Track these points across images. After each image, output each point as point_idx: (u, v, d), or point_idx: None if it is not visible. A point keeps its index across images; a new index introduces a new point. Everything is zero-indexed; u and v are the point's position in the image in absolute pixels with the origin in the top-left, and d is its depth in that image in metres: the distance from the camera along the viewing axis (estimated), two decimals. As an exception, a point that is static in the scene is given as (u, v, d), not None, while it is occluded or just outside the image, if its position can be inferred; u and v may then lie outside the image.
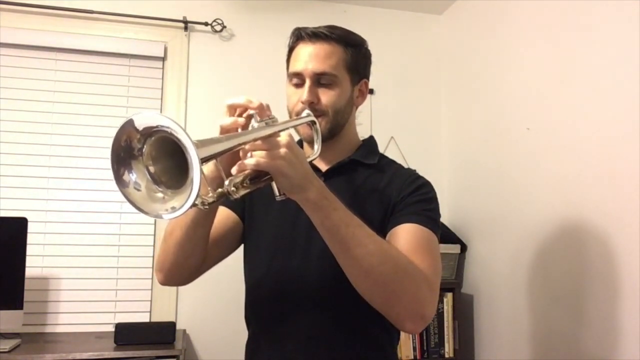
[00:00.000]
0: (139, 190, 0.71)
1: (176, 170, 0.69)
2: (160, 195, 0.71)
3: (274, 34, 2.26)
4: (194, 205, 0.65)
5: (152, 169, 0.71)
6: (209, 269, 1.12)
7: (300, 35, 1.10)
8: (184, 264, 1.05)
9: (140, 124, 0.68)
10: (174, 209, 0.67)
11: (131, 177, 0.71)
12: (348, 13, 2.55)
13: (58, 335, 2.03)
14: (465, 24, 2.47)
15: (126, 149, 0.70)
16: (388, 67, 2.54)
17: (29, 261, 1.93)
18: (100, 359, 1.73)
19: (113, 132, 0.68)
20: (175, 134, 0.64)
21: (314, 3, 2.53)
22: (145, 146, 0.70)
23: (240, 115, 0.88)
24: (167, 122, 0.65)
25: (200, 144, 0.68)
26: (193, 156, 0.63)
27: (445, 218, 2.44)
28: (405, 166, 1.20)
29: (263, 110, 0.86)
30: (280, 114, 1.09)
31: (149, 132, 0.68)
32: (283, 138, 0.82)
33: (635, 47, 1.44)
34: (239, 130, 0.86)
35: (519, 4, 2.02)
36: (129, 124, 0.68)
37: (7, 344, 1.75)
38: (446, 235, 2.30)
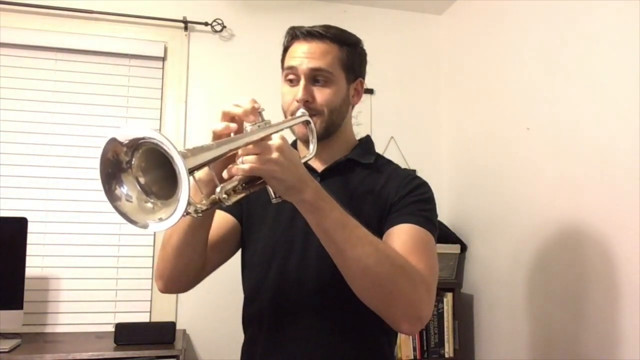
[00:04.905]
0: (130, 202, 0.70)
1: (167, 179, 0.67)
2: (150, 205, 0.70)
3: (274, 34, 2.23)
4: (186, 214, 0.64)
5: (142, 180, 0.71)
6: (209, 274, 1.11)
7: (295, 35, 1.08)
8: (184, 270, 1.04)
9: (125, 138, 0.67)
10: (161, 220, 0.66)
11: (122, 190, 0.70)
12: (348, 13, 2.55)
13: (58, 335, 2.03)
14: (465, 24, 2.47)
15: (114, 164, 0.69)
16: (388, 67, 2.54)
17: (29, 261, 1.93)
18: (100, 359, 1.73)
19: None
20: (161, 145, 0.63)
21: (314, 3, 2.52)
22: (133, 158, 0.69)
23: (234, 121, 0.85)
24: (152, 134, 0.64)
25: (188, 153, 0.67)
26: (180, 167, 0.62)
27: (445, 218, 2.44)
28: (405, 166, 1.19)
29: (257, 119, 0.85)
30: (279, 114, 1.09)
31: (135, 145, 0.67)
32: (275, 141, 0.81)
33: (636, 47, 1.43)
34: (232, 134, 0.84)
35: (518, 4, 2.01)
36: (112, 141, 0.67)
37: (7, 344, 1.75)
38: (446, 235, 2.30)
